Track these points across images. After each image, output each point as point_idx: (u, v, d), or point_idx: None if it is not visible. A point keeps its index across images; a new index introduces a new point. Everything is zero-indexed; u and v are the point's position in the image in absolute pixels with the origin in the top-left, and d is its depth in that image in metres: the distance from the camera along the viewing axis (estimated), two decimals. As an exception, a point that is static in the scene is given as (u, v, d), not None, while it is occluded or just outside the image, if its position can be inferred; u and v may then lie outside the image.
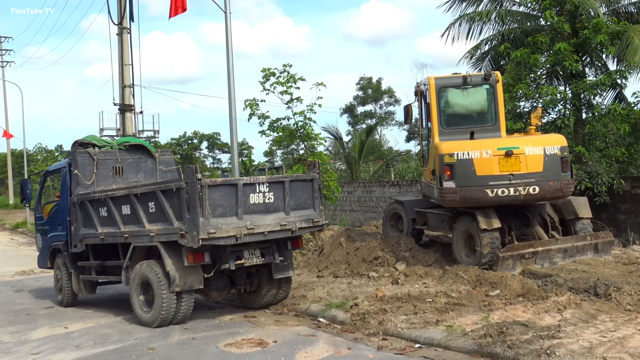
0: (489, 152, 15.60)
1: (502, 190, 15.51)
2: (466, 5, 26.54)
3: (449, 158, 15.63)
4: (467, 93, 16.99)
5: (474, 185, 15.57)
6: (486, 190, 15.51)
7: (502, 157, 15.54)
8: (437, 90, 16.76)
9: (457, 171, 15.61)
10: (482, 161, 15.56)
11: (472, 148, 15.70)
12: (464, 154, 15.59)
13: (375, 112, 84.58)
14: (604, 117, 21.62)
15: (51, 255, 17.88)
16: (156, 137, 47.11)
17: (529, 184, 15.55)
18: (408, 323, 12.08)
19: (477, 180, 15.57)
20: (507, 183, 15.51)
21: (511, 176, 15.53)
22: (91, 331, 14.04)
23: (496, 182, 15.50)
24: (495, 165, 15.56)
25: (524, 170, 15.57)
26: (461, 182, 15.58)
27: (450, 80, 17.19)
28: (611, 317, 11.38)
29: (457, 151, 15.65)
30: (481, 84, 17.06)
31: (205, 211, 12.73)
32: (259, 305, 15.16)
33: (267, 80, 22.78)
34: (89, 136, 17.81)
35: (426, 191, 17.83)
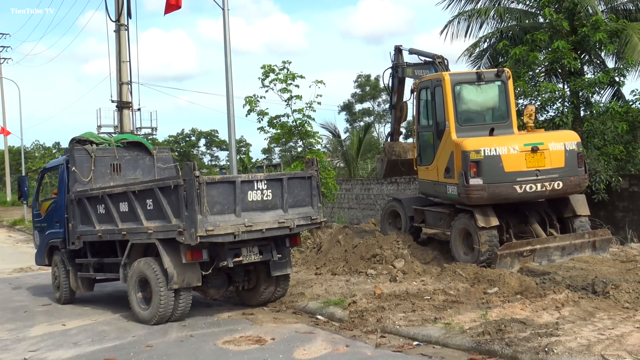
0: (516, 148, 15.69)
1: (530, 186, 15.64)
2: (465, 2, 26.55)
3: (475, 155, 15.51)
4: (480, 89, 16.87)
5: (502, 182, 15.58)
6: (515, 187, 15.59)
7: (529, 153, 15.69)
8: (453, 86, 16.55)
9: (485, 168, 15.53)
10: (510, 157, 15.61)
11: (499, 144, 15.71)
12: (491, 150, 15.57)
13: (373, 109, 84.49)
14: (602, 115, 21.61)
15: (49, 252, 17.86)
16: (154, 135, 46.82)
17: (554, 179, 15.81)
18: (406, 320, 12.06)
19: (505, 177, 15.59)
20: (535, 179, 15.68)
21: (537, 172, 15.70)
22: (89, 328, 14.02)
23: (524, 177, 15.62)
24: (522, 161, 15.67)
25: (549, 166, 15.80)
26: (489, 179, 15.52)
27: (464, 77, 17.09)
28: (609, 315, 11.38)
29: (483, 147, 15.59)
30: (493, 80, 16.97)
31: (203, 208, 12.72)
32: (257, 303, 15.14)
33: (267, 77, 22.78)
34: (87, 133, 17.83)
35: (427, 189, 17.75)
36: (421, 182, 18.17)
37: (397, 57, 20.54)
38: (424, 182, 17.96)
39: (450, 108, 16.44)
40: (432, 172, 17.26)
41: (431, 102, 17.31)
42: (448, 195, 16.52)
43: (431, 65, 18.70)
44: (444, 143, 16.63)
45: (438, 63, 18.34)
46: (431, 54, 18.90)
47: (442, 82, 16.66)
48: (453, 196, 16.29)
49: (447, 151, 16.44)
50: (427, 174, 17.55)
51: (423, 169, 17.87)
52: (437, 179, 16.98)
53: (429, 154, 17.55)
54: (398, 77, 20.48)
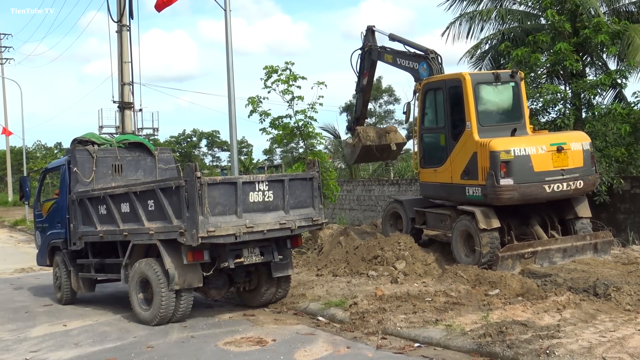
0: (544, 148, 15.86)
1: (557, 186, 15.86)
2: (467, 4, 26.46)
3: (505, 155, 15.46)
4: (497, 90, 16.80)
5: (532, 182, 15.67)
6: (544, 186, 15.75)
7: (555, 153, 15.93)
8: (474, 86, 16.44)
9: (515, 168, 15.53)
10: (539, 157, 15.75)
11: (528, 144, 15.84)
12: (520, 150, 15.64)
13: (375, 110, 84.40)
14: (604, 116, 21.54)
15: (50, 252, 17.88)
16: (155, 135, 47.05)
17: (576, 179, 16.15)
18: (407, 322, 12.07)
19: (535, 177, 15.70)
20: (561, 178, 15.92)
21: (563, 171, 15.91)
22: (90, 329, 14.04)
23: (552, 177, 15.84)
24: (549, 161, 15.88)
25: (572, 165, 16.10)
26: (519, 179, 15.52)
27: (483, 77, 17.02)
28: (610, 317, 11.38)
29: (513, 147, 15.62)
30: (508, 81, 16.95)
31: (204, 209, 12.73)
32: (258, 304, 15.16)
33: (269, 78, 22.76)
34: (88, 134, 17.87)
35: (435, 192, 17.61)
36: (425, 185, 18.03)
37: (369, 38, 20.57)
38: (429, 184, 17.82)
39: (472, 108, 16.27)
40: (442, 174, 17.07)
41: (446, 102, 17.04)
42: (467, 197, 16.31)
43: (422, 59, 18.43)
44: (463, 144, 16.45)
45: (431, 59, 18.15)
46: (423, 47, 18.69)
47: (462, 82, 16.47)
48: (475, 198, 16.12)
49: (467, 152, 16.27)
50: (435, 176, 17.38)
51: (429, 171, 17.72)
52: (450, 181, 16.82)
53: (438, 156, 17.38)
54: (371, 60, 20.62)
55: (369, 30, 20.57)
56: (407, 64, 19.01)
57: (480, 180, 15.88)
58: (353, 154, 21.27)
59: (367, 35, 20.63)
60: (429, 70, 18.10)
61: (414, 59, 18.80)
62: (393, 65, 19.65)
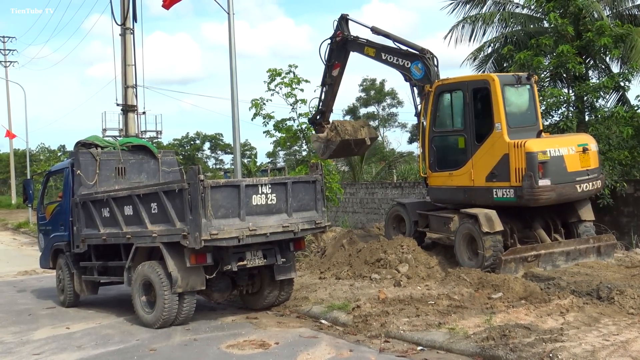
0: (573, 149, 16.08)
1: (585, 185, 16.15)
2: (470, 7, 26.47)
3: (542, 155, 15.45)
4: (518, 92, 16.73)
5: (566, 182, 15.84)
6: (576, 186, 16.01)
7: (581, 154, 16.16)
8: (501, 88, 16.27)
9: (551, 168, 15.56)
10: (570, 157, 15.94)
11: (560, 145, 16.00)
12: (555, 151, 15.73)
13: (378, 113, 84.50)
14: (607, 119, 21.54)
15: (53, 255, 17.89)
16: (159, 138, 47.04)
17: (596, 179, 16.56)
18: (410, 325, 12.05)
19: (568, 177, 15.88)
20: (587, 178, 16.23)
21: (588, 171, 16.18)
22: (93, 332, 14.05)
23: (581, 177, 16.11)
24: (578, 161, 16.10)
25: (592, 166, 16.44)
26: (555, 179, 15.57)
27: (507, 79, 16.83)
28: (614, 321, 11.37)
29: (548, 148, 15.67)
30: (525, 83, 16.87)
31: (207, 212, 12.74)
32: (261, 307, 15.16)
33: (273, 81, 22.76)
34: (92, 136, 17.84)
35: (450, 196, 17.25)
36: (437, 189, 17.66)
37: (344, 28, 19.83)
38: (441, 188, 17.49)
39: (502, 110, 16.09)
40: (460, 177, 16.83)
41: (467, 104, 16.75)
42: (495, 200, 16.10)
43: (416, 58, 18.04)
44: (490, 146, 16.22)
45: (428, 58, 17.84)
46: (418, 46, 18.22)
47: (491, 83, 16.29)
48: (506, 200, 15.95)
49: (496, 154, 16.09)
50: (450, 179, 17.08)
51: (442, 175, 17.39)
52: (471, 184, 16.60)
53: (455, 159, 17.19)
54: (345, 50, 19.97)
55: (343, 19, 19.88)
56: (396, 61, 18.58)
57: (512, 181, 15.72)
58: (327, 148, 20.32)
59: (341, 25, 19.89)
60: (425, 71, 17.84)
61: (406, 57, 18.39)
62: (375, 60, 19.08)
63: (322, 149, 20.51)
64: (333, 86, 20.48)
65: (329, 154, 20.54)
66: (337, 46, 20.00)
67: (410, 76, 18.23)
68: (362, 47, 19.41)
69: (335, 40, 19.96)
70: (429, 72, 17.78)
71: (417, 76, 18.01)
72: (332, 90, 20.55)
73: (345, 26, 19.82)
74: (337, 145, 19.86)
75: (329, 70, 20.28)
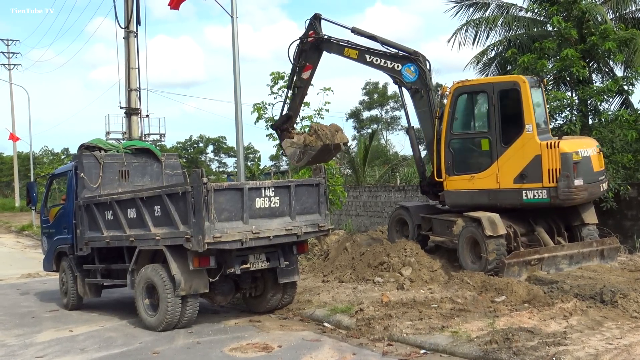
0: (595, 150, 16.70)
1: (603, 185, 17.01)
2: (473, 10, 26.43)
3: (575, 156, 15.75)
4: (537, 94, 16.78)
5: (594, 181, 16.34)
6: (600, 185, 16.70)
7: (599, 155, 16.86)
8: (530, 89, 16.31)
9: (583, 168, 15.88)
10: (594, 158, 16.48)
11: (586, 146, 16.47)
12: (584, 151, 16.12)
13: (381, 117, 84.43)
14: (611, 123, 21.53)
15: (57, 258, 17.90)
16: (162, 141, 47.10)
17: (606, 180, 17.44)
18: (413, 329, 12.03)
19: (594, 176, 16.41)
20: (604, 178, 17.08)
21: (603, 172, 17.10)
22: (96, 334, 14.04)
23: (601, 177, 16.85)
24: (598, 162, 16.72)
25: (603, 167, 17.27)
26: (586, 179, 15.95)
27: (532, 81, 16.84)
28: (617, 324, 11.37)
29: (579, 149, 16.00)
30: (539, 86, 16.99)
31: (210, 215, 12.74)
32: (264, 310, 15.15)
33: (276, 84, 22.75)
34: (95, 139, 17.90)
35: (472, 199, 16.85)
36: (455, 193, 17.23)
37: (317, 28, 19.02)
38: (460, 192, 17.09)
39: (532, 111, 16.11)
40: (484, 180, 16.62)
41: (493, 106, 16.55)
42: (525, 201, 16.12)
43: (409, 60, 17.81)
44: (519, 147, 16.15)
45: (422, 61, 17.71)
46: (409, 48, 17.98)
47: (521, 85, 16.26)
48: (538, 201, 15.98)
49: (526, 156, 16.08)
50: (471, 183, 16.82)
51: (461, 179, 17.04)
52: (496, 187, 16.44)
53: (477, 161, 17.05)
54: (318, 52, 19.18)
55: (317, 18, 19.04)
56: (384, 63, 18.21)
57: (545, 182, 15.78)
58: (305, 154, 19.11)
59: (314, 25, 19.01)
60: (418, 74, 17.69)
61: (396, 59, 18.08)
62: (357, 62, 18.49)
63: (298, 155, 19.43)
64: (302, 89, 19.67)
65: (307, 160, 19.35)
66: (309, 47, 19.23)
67: (402, 79, 17.95)
68: (342, 49, 18.81)
69: (307, 41, 19.17)
70: (423, 74, 17.65)
71: (410, 79, 17.81)
72: (300, 94, 19.79)
73: (319, 26, 19.09)
74: (318, 150, 18.96)
75: (299, 72, 19.37)
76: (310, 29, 19.08)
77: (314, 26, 19.04)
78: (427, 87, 17.71)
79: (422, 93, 17.78)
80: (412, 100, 18.11)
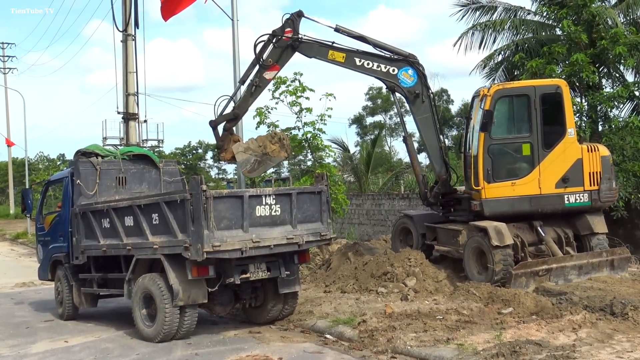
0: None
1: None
2: (480, 14, 26.40)
3: (611, 159, 16.85)
4: None
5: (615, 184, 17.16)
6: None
7: None
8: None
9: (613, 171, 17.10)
10: None
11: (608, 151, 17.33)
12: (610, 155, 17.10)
13: (385, 122, 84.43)
14: (621, 130, 21.51)
15: (52, 266, 17.75)
16: (160, 147, 47.05)
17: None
18: (418, 341, 11.87)
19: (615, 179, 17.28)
20: None
21: None
22: (92, 345, 13.93)
23: None
24: None
25: None
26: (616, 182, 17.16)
27: None
28: (628, 337, 11.29)
29: (609, 153, 17.01)
30: None
31: (210, 223, 12.59)
32: (264, 321, 14.98)
33: (277, 89, 22.52)
34: (92, 145, 17.77)
35: (512, 207, 16.29)
36: (495, 202, 16.36)
37: (296, 26, 17.10)
38: (502, 200, 16.34)
39: (572, 115, 16.62)
40: (525, 186, 16.28)
41: (535, 110, 16.25)
42: (566, 206, 16.32)
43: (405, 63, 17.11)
44: (561, 151, 16.24)
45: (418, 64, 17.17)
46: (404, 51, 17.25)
47: (562, 89, 16.46)
48: (579, 204, 16.35)
49: (568, 159, 16.30)
50: (512, 190, 16.32)
51: (502, 186, 16.36)
52: (538, 192, 16.25)
53: (517, 167, 16.71)
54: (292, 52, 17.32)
55: (299, 16, 17.21)
56: (378, 67, 17.21)
57: (586, 186, 16.29)
58: (262, 164, 16.86)
59: (293, 22, 17.13)
60: (417, 77, 17.16)
61: (392, 62, 17.22)
62: (343, 66, 17.25)
63: (252, 164, 16.86)
64: (260, 90, 17.50)
65: (262, 171, 17.57)
66: (283, 46, 17.25)
67: (398, 84, 17.23)
68: (325, 51, 17.23)
69: (282, 39, 17.18)
70: (423, 78, 17.24)
71: (408, 84, 17.15)
72: (257, 94, 17.50)
73: (298, 25, 17.19)
74: (276, 162, 17.70)
75: (261, 69, 17.16)
76: (287, 26, 17.14)
77: (293, 24, 17.15)
78: (428, 91, 17.26)
79: (422, 98, 17.23)
80: (411, 107, 17.40)
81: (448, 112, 67.80)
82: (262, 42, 17.15)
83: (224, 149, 17.27)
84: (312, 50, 17.28)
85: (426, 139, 17.54)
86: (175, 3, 21.47)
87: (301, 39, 17.09)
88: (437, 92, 19.44)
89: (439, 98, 20.90)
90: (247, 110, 17.89)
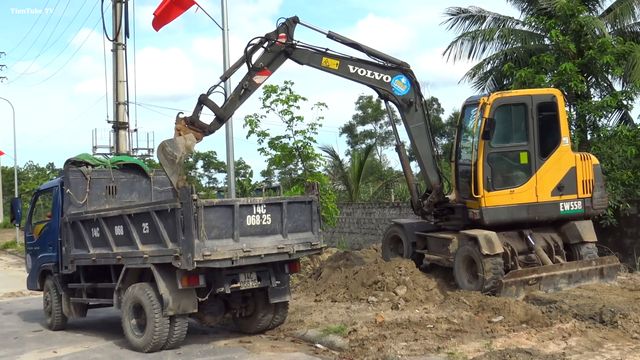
0: None
1: None
2: (469, 23, 26.43)
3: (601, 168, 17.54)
4: None
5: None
6: None
7: None
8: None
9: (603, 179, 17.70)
10: None
11: None
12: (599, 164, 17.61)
13: (375, 131, 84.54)
14: (610, 139, 21.53)
15: (41, 276, 17.68)
16: (150, 156, 46.79)
17: None
18: (408, 350, 11.84)
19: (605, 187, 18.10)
20: None
21: None
22: (81, 356, 13.88)
23: None
24: None
25: None
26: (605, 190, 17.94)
27: None
28: (617, 345, 11.31)
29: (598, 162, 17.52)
30: None
31: (200, 233, 12.57)
32: (255, 330, 14.94)
33: (268, 97, 22.51)
34: (82, 154, 17.69)
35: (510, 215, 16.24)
36: (495, 210, 16.28)
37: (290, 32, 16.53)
38: (501, 208, 16.29)
39: (567, 124, 16.86)
40: (523, 194, 16.31)
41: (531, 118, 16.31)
42: (562, 213, 16.56)
43: (399, 71, 16.96)
44: (557, 160, 16.48)
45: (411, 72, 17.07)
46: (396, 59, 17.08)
47: (557, 98, 16.71)
48: (573, 212, 16.65)
49: (563, 167, 16.55)
50: (511, 198, 16.31)
51: (502, 194, 16.31)
52: (535, 200, 16.36)
53: (516, 175, 16.74)
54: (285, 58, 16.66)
55: (295, 22, 16.67)
56: (371, 75, 16.97)
57: (580, 193, 16.64)
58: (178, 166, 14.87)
59: (288, 27, 16.57)
60: (410, 85, 17.06)
61: (385, 70, 17.02)
62: (336, 74, 16.92)
63: (179, 159, 14.99)
64: (249, 94, 16.57)
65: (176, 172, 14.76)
66: (275, 50, 16.61)
67: (391, 92, 17.08)
68: (319, 58, 16.86)
69: (276, 44, 16.56)
70: (416, 87, 17.17)
71: (401, 92, 17.03)
72: (245, 98, 16.59)
73: (293, 31, 16.66)
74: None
75: (251, 73, 16.36)
76: (282, 31, 16.61)
77: (288, 29, 16.61)
78: (421, 99, 17.23)
79: (415, 106, 17.18)
80: (404, 115, 17.28)
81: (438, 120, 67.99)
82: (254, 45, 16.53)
83: (188, 130, 15.77)
84: (305, 57, 16.85)
85: (419, 148, 17.42)
86: (167, 13, 21.48)
87: (295, 45, 16.62)
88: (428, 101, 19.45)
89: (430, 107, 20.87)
90: (233, 113, 17.19)
